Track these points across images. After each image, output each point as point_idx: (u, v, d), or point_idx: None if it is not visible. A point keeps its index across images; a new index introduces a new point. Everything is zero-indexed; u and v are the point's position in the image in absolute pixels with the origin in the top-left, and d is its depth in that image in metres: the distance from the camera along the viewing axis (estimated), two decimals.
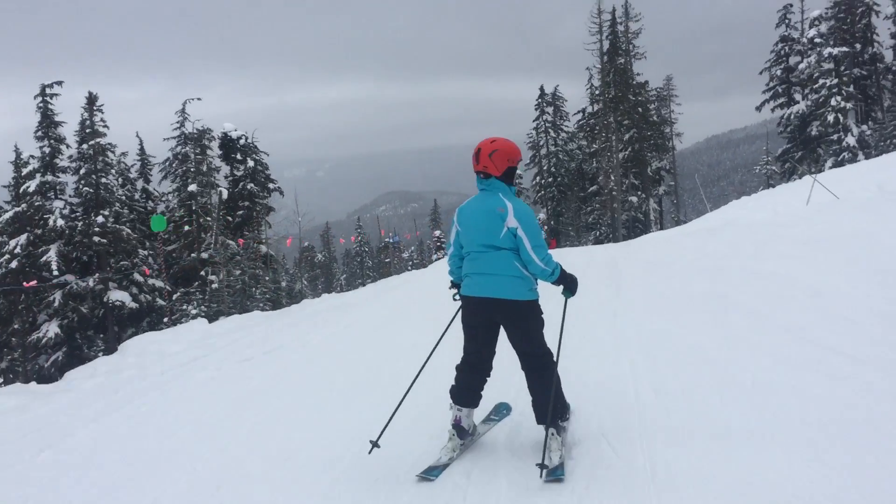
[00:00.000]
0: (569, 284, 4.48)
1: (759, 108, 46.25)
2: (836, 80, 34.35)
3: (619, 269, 12.56)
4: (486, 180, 4.35)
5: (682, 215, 64.14)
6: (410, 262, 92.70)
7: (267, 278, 28.51)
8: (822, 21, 40.62)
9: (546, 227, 52.93)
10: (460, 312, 4.58)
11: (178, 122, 31.17)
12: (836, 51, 34.11)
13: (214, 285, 25.65)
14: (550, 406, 4.18)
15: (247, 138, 32.95)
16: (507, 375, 5.31)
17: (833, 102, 34.16)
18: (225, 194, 29.38)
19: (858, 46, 36.56)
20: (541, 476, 3.96)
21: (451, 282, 4.78)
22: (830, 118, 34.39)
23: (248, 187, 32.12)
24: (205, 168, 29.35)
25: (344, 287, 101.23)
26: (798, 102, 43.13)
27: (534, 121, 52.83)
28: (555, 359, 4.39)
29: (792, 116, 42.57)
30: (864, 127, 34.73)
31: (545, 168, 52.55)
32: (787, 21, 44.41)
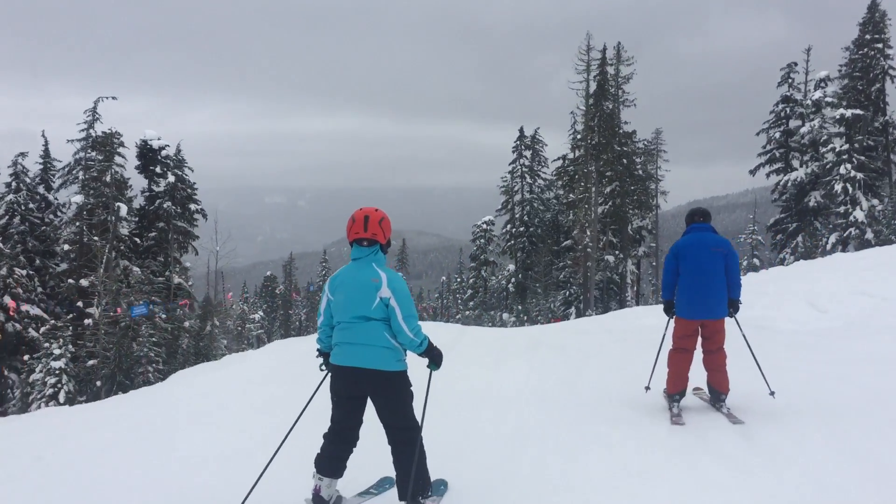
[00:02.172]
0: (435, 358, 4.54)
1: (752, 172, 42.44)
2: (846, 146, 30.44)
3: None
4: (368, 247, 4.35)
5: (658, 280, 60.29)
6: None
7: (162, 316, 23.50)
8: (830, 82, 37.10)
9: (513, 280, 48.44)
10: (328, 380, 4.50)
11: (85, 123, 26.22)
12: (848, 112, 30.27)
13: (89, 321, 20.64)
14: (411, 482, 4.21)
15: (177, 150, 28.31)
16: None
17: (842, 170, 30.19)
18: (124, 210, 24.45)
19: (871, 111, 32.81)
20: None
21: (319, 350, 4.71)
22: (838, 188, 30.37)
23: (165, 206, 27.31)
24: (108, 178, 24.48)
25: (302, 324, 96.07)
26: (796, 169, 39.38)
27: (510, 164, 48.72)
28: (420, 432, 4.37)
29: (789, 184, 38.73)
30: (875, 201, 30.73)
31: (517, 216, 48.26)
32: (790, 80, 40.87)
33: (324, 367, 4.66)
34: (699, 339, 6.40)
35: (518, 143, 48.22)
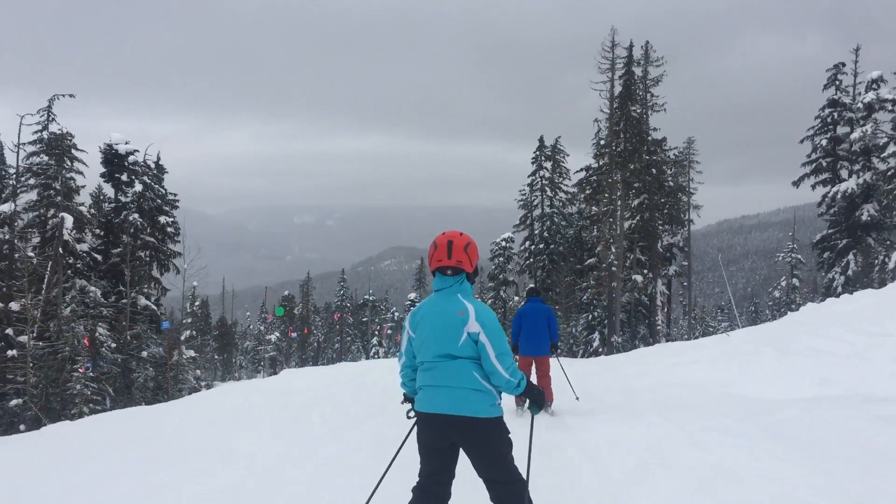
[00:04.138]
0: (535, 398, 4.14)
1: (796, 184, 38.47)
2: None
3: None
4: (452, 277, 4.00)
5: (693, 301, 56.08)
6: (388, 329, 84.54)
7: (111, 345, 20.33)
8: (884, 83, 33.20)
9: None
10: (415, 430, 4.12)
11: (39, 125, 23.14)
12: None
13: (12, 352, 17.52)
14: None
15: (157, 158, 25.37)
16: None
17: None
18: (69, 221, 21.37)
19: None
20: None
21: (405, 395, 4.36)
22: None
23: (131, 218, 24.30)
24: (58, 185, 21.48)
25: (321, 346, 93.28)
26: (846, 180, 35.42)
27: (529, 176, 45.21)
28: (527, 486, 3.96)
29: (838, 196, 34.74)
30: None
31: (537, 232, 44.67)
32: (837, 82, 37.00)
33: (411, 415, 4.23)
34: (533, 368, 9.56)
35: (538, 153, 44.74)
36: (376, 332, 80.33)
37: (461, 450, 3.95)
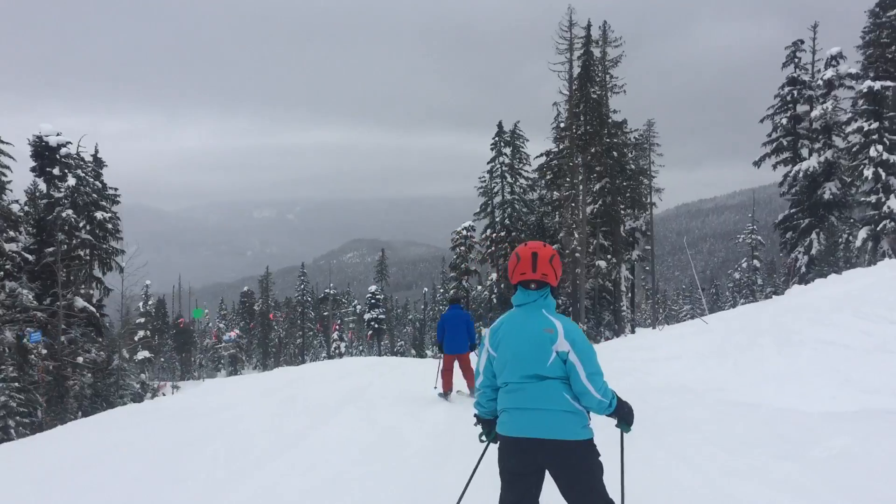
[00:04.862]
0: (626, 416, 3.80)
1: (757, 164, 38.01)
2: (876, 124, 26.03)
3: None
4: (536, 291, 3.73)
5: (655, 285, 55.72)
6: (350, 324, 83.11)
7: (42, 351, 18.79)
8: (843, 59, 32.75)
9: (496, 292, 43.90)
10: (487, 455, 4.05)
11: None
12: (877, 85, 25.83)
13: None
14: None
15: (82, 148, 23.72)
16: None
17: (872, 153, 25.74)
18: None
19: None
20: None
21: (478, 417, 4.05)
22: (867, 173, 25.92)
23: (64, 215, 22.64)
24: None
25: (283, 342, 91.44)
26: (806, 158, 35.06)
27: (488, 162, 44.20)
28: None
29: (800, 175, 34.34)
30: None
31: (498, 220, 43.74)
32: (796, 60, 36.58)
33: (484, 438, 4.06)
34: (456, 364, 11.08)
35: (497, 139, 43.74)
36: (337, 327, 78.91)
37: (546, 475, 3.74)
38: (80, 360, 21.05)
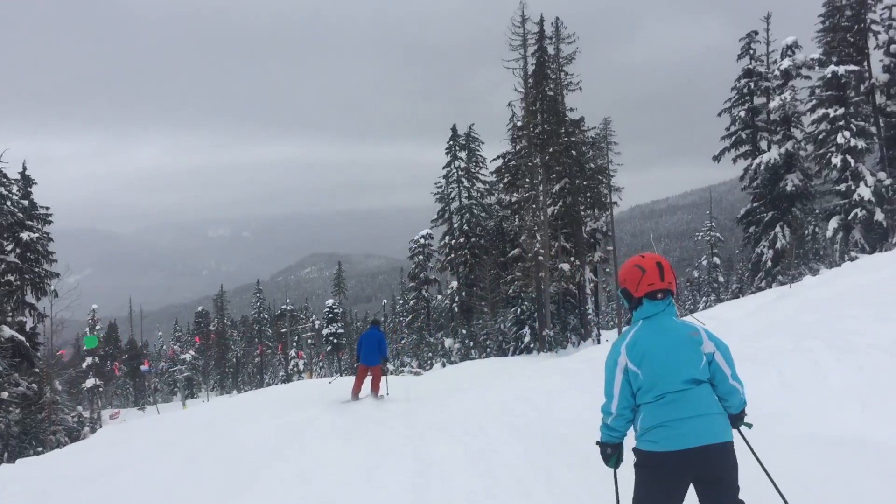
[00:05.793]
0: (743, 414, 3.88)
1: (717, 158, 37.38)
2: (841, 110, 25.27)
3: None
4: (663, 300, 3.74)
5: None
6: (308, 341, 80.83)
7: None
8: (798, 49, 32.20)
9: (457, 300, 42.46)
10: (644, 479, 3.63)
11: None
12: (841, 69, 25.08)
13: None
14: None
15: (4, 164, 21.61)
16: None
17: (839, 139, 24.94)
18: None
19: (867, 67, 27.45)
20: None
21: (606, 445, 3.84)
22: (836, 160, 25.10)
23: None
24: None
25: (240, 362, 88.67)
26: (766, 151, 34.45)
27: (444, 167, 42.85)
28: None
29: (761, 167, 33.67)
30: (883, 174, 25.43)
31: (456, 226, 42.37)
32: (751, 52, 36.04)
33: (612, 464, 3.90)
34: (368, 374, 13.65)
35: (451, 143, 42.44)
36: (295, 343, 76.70)
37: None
38: (4, 394, 18.96)
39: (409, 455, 7.29)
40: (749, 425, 3.88)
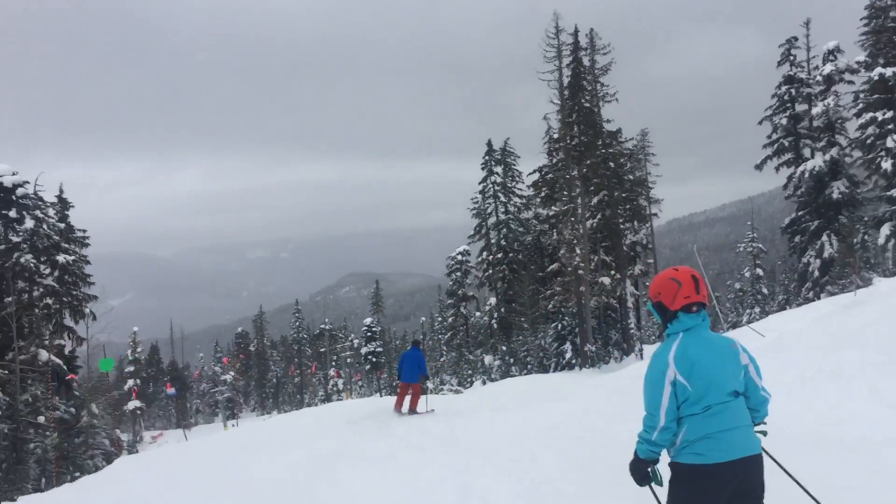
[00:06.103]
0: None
1: (759, 167, 36.60)
2: (890, 113, 24.52)
3: None
4: (699, 314, 3.76)
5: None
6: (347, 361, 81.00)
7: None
8: (840, 53, 31.39)
9: (496, 316, 42.07)
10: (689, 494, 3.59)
11: None
12: (888, 71, 24.35)
13: None
14: None
15: (39, 187, 22.01)
16: None
17: (890, 143, 24.17)
18: None
19: None
20: None
21: (648, 462, 3.80)
22: (886, 165, 24.33)
23: (23, 260, 20.86)
24: None
25: (280, 382, 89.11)
26: (809, 158, 33.61)
27: (480, 183, 42.68)
28: None
29: (805, 175, 32.84)
30: None
31: (493, 241, 42.08)
32: (791, 58, 35.34)
33: (657, 481, 3.88)
34: (410, 391, 14.45)
35: (487, 157, 42.29)
36: (334, 362, 76.81)
37: None
38: (41, 419, 19.09)
39: (451, 489, 6.77)
40: (764, 433, 3.92)
